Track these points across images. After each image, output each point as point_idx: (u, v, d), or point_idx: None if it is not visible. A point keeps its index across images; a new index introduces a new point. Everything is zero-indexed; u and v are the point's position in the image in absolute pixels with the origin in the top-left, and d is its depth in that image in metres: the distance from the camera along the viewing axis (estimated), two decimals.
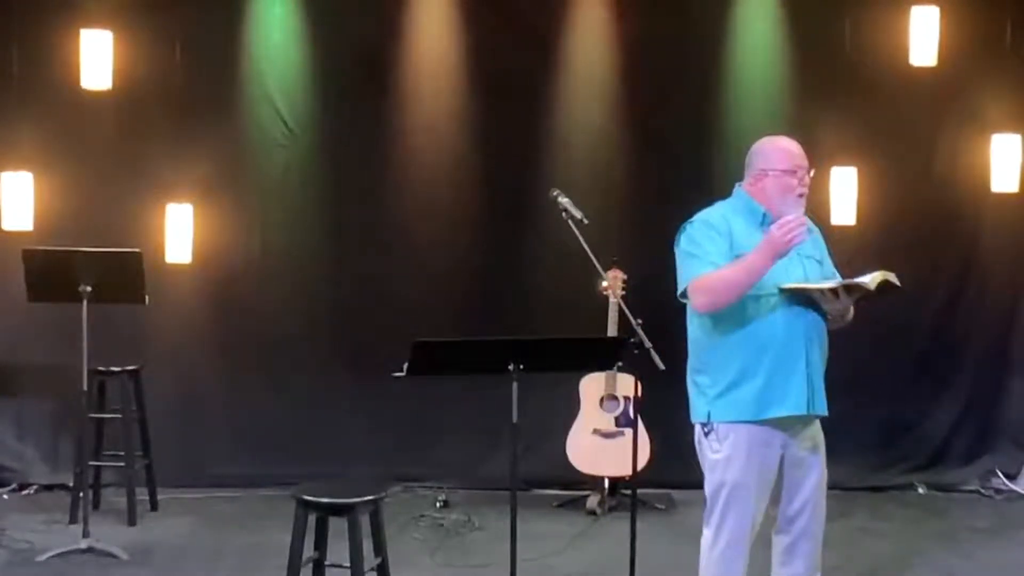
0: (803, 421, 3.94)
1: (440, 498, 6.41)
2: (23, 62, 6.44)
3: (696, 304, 3.90)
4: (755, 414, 3.86)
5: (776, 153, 3.95)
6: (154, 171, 6.56)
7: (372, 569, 4.36)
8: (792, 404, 3.86)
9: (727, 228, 3.91)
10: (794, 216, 3.74)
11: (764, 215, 3.93)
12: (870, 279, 3.76)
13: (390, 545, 4.49)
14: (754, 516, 3.94)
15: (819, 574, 4.06)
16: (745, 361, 3.86)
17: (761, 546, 4.06)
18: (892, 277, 3.80)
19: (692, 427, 4.85)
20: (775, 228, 3.70)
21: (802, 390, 3.86)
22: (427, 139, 6.80)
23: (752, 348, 3.85)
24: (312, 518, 4.32)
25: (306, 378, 6.69)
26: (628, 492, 5.46)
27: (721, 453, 3.93)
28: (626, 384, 6.21)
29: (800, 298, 3.86)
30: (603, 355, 4.64)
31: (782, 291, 3.82)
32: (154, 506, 6.21)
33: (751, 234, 3.89)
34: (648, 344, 3.98)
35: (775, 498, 3.98)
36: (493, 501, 6.21)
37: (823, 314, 3.91)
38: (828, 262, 4.08)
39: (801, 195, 3.92)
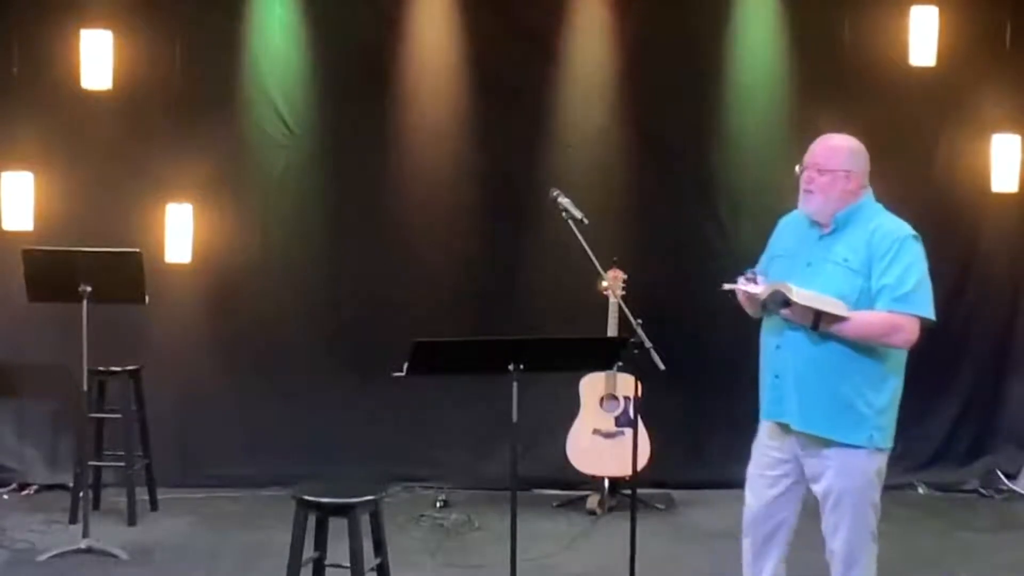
0: (812, 440, 3.85)
1: (440, 498, 6.41)
2: (23, 62, 6.44)
3: None
4: (760, 414, 4.03)
5: None
6: (154, 171, 6.55)
7: (372, 569, 4.36)
8: (765, 411, 3.99)
9: (781, 229, 4.09)
10: (745, 288, 3.84)
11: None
12: (761, 288, 3.80)
13: (390, 545, 4.49)
14: (753, 507, 4.03)
15: None
16: None
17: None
18: (785, 290, 3.73)
19: (691, 427, 4.86)
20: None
21: (769, 399, 3.95)
22: (427, 139, 6.79)
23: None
24: (312, 518, 4.32)
25: (306, 378, 6.69)
26: (628, 492, 5.46)
27: None
28: (626, 384, 6.21)
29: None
30: (603, 355, 4.64)
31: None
32: (154, 506, 6.20)
33: (796, 237, 3.98)
34: (648, 344, 3.99)
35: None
36: (493, 501, 6.21)
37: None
38: (878, 271, 3.77)
39: (805, 191, 3.92)
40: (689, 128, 6.77)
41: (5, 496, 6.45)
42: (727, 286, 3.89)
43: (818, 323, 3.74)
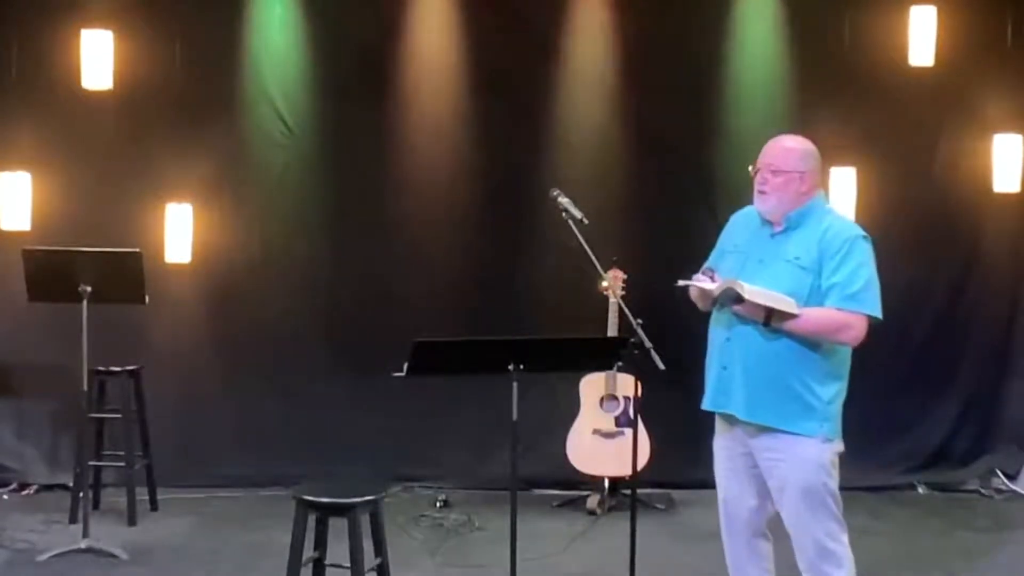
0: (759, 431, 3.88)
1: (440, 498, 6.41)
2: (23, 62, 6.45)
3: None
4: (705, 403, 4.06)
5: None
6: (154, 171, 6.56)
7: (372, 569, 4.36)
8: (711, 400, 4.02)
9: (732, 225, 4.12)
10: (698, 284, 3.90)
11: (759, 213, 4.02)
12: (715, 285, 3.84)
13: (390, 545, 4.49)
14: (727, 504, 4.06)
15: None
16: None
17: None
18: (738, 287, 3.76)
19: (690, 427, 4.85)
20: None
21: (715, 389, 3.98)
22: (427, 139, 6.80)
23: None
24: (312, 518, 4.32)
25: (306, 378, 6.69)
26: (628, 492, 5.46)
27: None
28: (626, 384, 6.21)
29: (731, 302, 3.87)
30: (603, 355, 4.63)
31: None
32: (154, 506, 6.20)
33: (748, 233, 4.01)
34: (648, 344, 3.99)
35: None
36: (493, 501, 6.21)
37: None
38: (829, 269, 3.79)
39: (759, 192, 3.95)
40: (689, 128, 6.77)
41: (5, 496, 6.45)
42: (681, 282, 3.94)
43: (769, 319, 3.79)
